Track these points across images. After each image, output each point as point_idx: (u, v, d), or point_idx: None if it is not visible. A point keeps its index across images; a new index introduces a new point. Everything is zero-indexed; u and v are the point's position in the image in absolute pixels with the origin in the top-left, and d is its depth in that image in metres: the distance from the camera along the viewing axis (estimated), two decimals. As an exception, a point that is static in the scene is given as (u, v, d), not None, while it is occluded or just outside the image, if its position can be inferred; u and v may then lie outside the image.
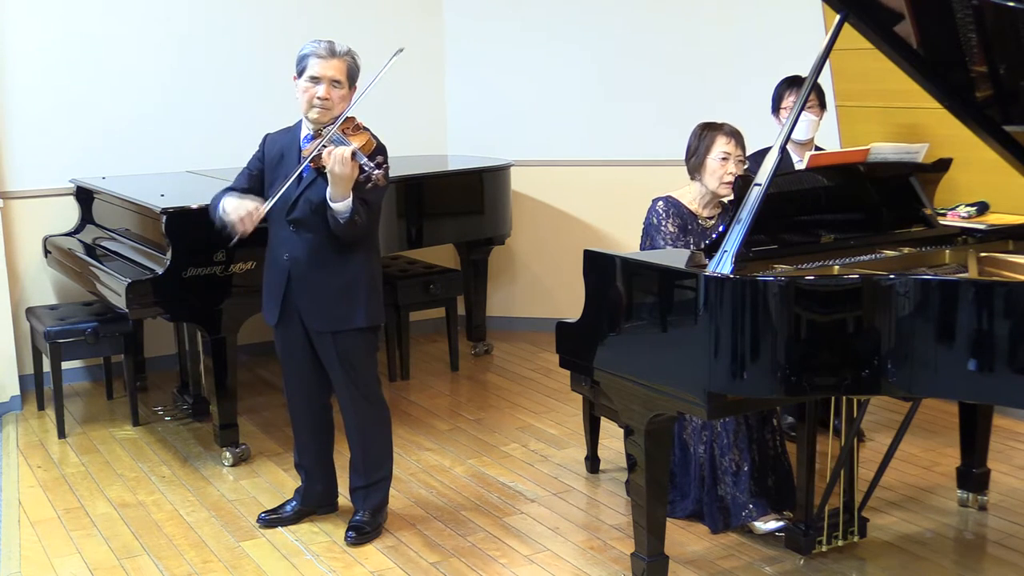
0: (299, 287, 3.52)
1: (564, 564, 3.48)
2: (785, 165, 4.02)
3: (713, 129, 3.68)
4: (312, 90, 3.41)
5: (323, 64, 3.40)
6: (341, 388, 3.61)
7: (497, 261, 6.16)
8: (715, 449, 3.62)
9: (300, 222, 3.48)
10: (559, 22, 6.04)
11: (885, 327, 2.70)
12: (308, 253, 3.49)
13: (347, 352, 3.55)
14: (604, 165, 6.05)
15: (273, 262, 3.59)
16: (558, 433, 4.68)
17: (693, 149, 3.71)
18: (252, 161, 3.64)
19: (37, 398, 5.08)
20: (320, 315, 3.52)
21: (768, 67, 5.42)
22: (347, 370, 3.57)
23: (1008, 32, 2.90)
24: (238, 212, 3.41)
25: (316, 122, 3.44)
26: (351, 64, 3.46)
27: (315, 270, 3.49)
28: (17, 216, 5.23)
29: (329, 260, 3.49)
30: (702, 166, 3.68)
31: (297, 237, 3.49)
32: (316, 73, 3.40)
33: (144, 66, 5.45)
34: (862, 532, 3.50)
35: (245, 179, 3.61)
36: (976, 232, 3.43)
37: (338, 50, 3.43)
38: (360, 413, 3.63)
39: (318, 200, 3.41)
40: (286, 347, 3.65)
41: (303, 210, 3.47)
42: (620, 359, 3.10)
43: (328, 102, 3.41)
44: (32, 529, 3.80)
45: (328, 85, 3.40)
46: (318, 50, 3.41)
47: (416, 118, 6.21)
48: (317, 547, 3.62)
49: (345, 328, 3.53)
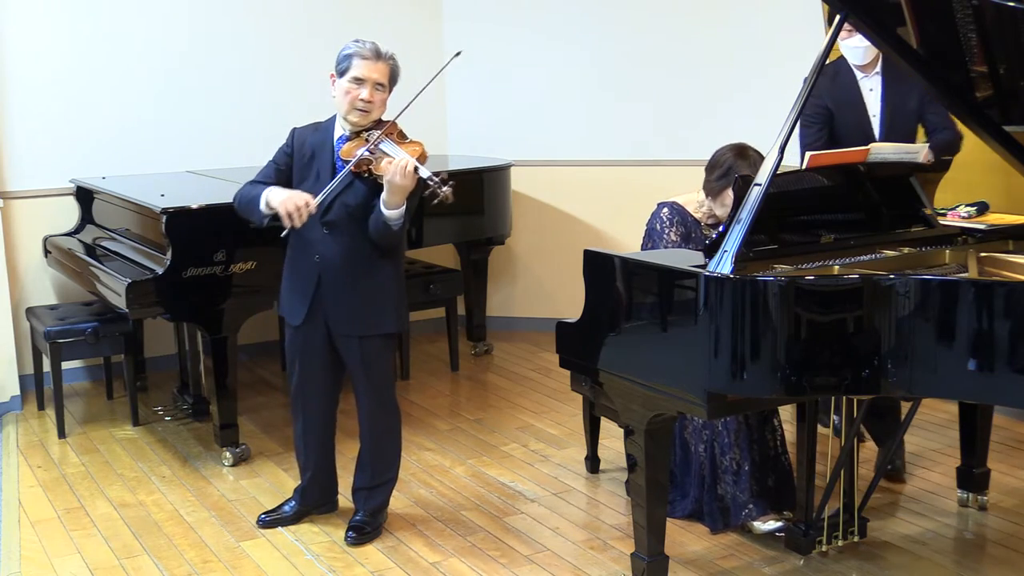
0: (328, 289, 3.49)
1: (564, 564, 3.48)
2: (852, 89, 4.07)
3: (743, 158, 3.50)
4: (355, 92, 3.37)
5: (368, 66, 3.36)
6: (361, 391, 3.60)
7: (497, 261, 6.16)
8: (715, 448, 3.62)
9: (334, 224, 3.44)
10: (559, 22, 6.04)
11: (885, 327, 2.70)
12: (341, 256, 3.46)
13: (371, 356, 3.54)
14: (604, 165, 6.05)
15: (302, 263, 3.53)
16: (558, 433, 4.68)
17: (720, 174, 3.54)
18: (279, 155, 3.56)
19: (37, 398, 5.08)
20: (348, 319, 3.50)
21: (768, 67, 5.44)
22: (369, 374, 3.55)
23: (1008, 32, 2.90)
24: (287, 205, 3.32)
25: (356, 124, 3.41)
26: (394, 67, 3.43)
27: (347, 273, 3.46)
28: (17, 216, 5.24)
29: (361, 264, 3.46)
30: (721, 194, 3.55)
31: (331, 239, 3.46)
32: (360, 75, 3.36)
33: (144, 66, 5.46)
34: (862, 532, 3.50)
35: (273, 173, 3.53)
36: (976, 232, 3.42)
37: (383, 52, 3.39)
38: (376, 416, 3.63)
39: (354, 203, 3.39)
40: (306, 348, 3.60)
41: (338, 213, 3.43)
42: (620, 359, 3.10)
43: (371, 104, 3.38)
44: (32, 529, 3.80)
45: (372, 88, 3.37)
46: (363, 51, 3.36)
47: (416, 118, 6.17)
48: (317, 547, 3.62)
49: (372, 333, 3.52)
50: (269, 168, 3.57)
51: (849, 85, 4.10)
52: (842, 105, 4.11)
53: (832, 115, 4.11)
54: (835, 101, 4.11)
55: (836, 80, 4.11)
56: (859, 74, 4.10)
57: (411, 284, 5.41)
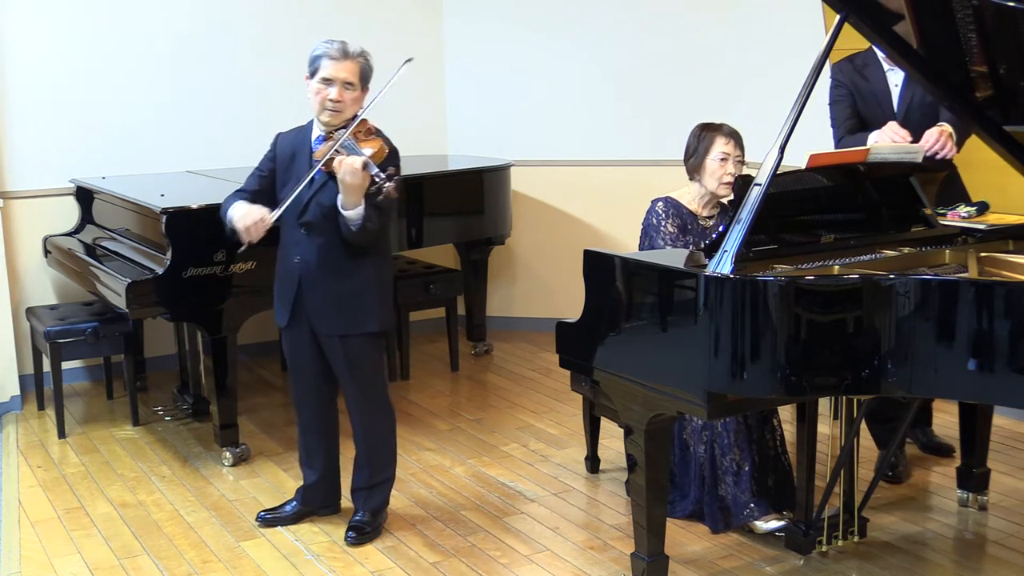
0: (309, 290, 3.50)
1: (564, 564, 3.48)
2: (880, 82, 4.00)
3: (712, 130, 3.69)
4: (324, 92, 3.39)
5: (336, 65, 3.37)
6: (349, 391, 3.60)
7: (497, 261, 6.16)
8: (715, 449, 3.62)
9: (311, 225, 3.46)
10: (559, 22, 6.04)
11: (885, 327, 2.70)
12: (319, 256, 3.47)
13: (355, 356, 3.54)
14: (604, 165, 6.05)
15: (284, 264, 3.58)
16: (558, 433, 4.68)
17: (692, 150, 3.72)
18: (263, 161, 3.61)
19: (37, 398, 5.08)
20: (330, 319, 3.51)
21: (768, 66, 5.44)
22: (355, 374, 3.56)
23: (1008, 32, 2.90)
24: (245, 221, 3.39)
25: (328, 124, 3.42)
26: (364, 65, 3.44)
27: (326, 274, 3.48)
28: (17, 216, 5.24)
29: (340, 264, 3.47)
30: (701, 167, 3.68)
31: (308, 240, 3.48)
32: (329, 75, 3.37)
33: (144, 66, 5.45)
34: (862, 532, 3.50)
35: (256, 180, 3.58)
36: (976, 232, 3.42)
37: (351, 51, 3.40)
38: (367, 416, 3.63)
39: (329, 204, 3.39)
40: (295, 349, 3.63)
41: (314, 213, 3.45)
42: (620, 359, 3.10)
43: (341, 104, 3.39)
44: (32, 529, 3.80)
45: (341, 87, 3.38)
46: (331, 51, 3.38)
47: (416, 118, 6.20)
48: (317, 547, 3.62)
49: (354, 332, 3.52)
50: (253, 176, 3.61)
51: (878, 79, 4.02)
52: (867, 96, 4.03)
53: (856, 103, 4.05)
54: (860, 93, 4.04)
55: (865, 72, 4.04)
56: (886, 66, 4.00)
57: (411, 284, 5.42)
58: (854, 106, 4.06)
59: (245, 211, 3.42)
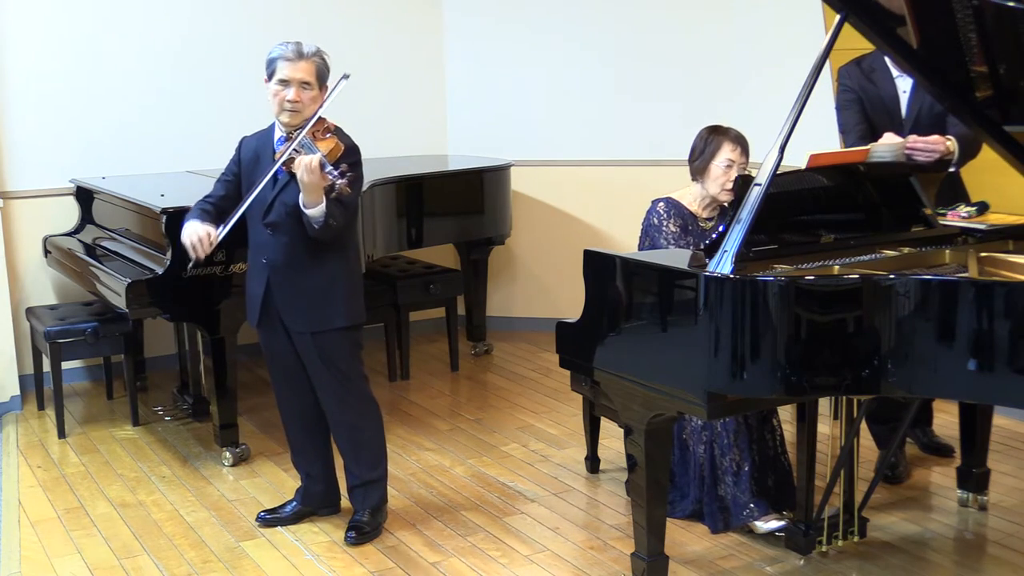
0: (278, 289, 3.53)
1: (564, 564, 3.48)
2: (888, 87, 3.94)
3: (720, 134, 3.68)
4: (282, 93, 3.42)
5: (291, 67, 3.40)
6: (325, 388, 3.61)
7: (497, 261, 6.16)
8: (715, 449, 3.62)
9: (276, 225, 3.49)
10: (559, 21, 6.04)
11: (885, 327, 2.70)
12: (285, 255, 3.49)
13: (329, 352, 3.55)
14: (604, 165, 6.05)
15: (253, 264, 3.61)
16: (558, 433, 4.68)
17: (698, 152, 3.71)
18: (228, 166, 3.65)
19: (37, 398, 5.08)
20: (299, 316, 3.53)
21: (768, 65, 5.44)
22: (331, 370, 3.57)
23: (1008, 32, 2.90)
24: (191, 238, 3.42)
25: (288, 125, 3.45)
26: (320, 64, 3.46)
27: (293, 272, 3.50)
28: (17, 216, 5.24)
29: (306, 261, 3.49)
30: (705, 170, 3.68)
31: (274, 240, 3.50)
32: (285, 76, 3.41)
33: (144, 66, 5.45)
34: (862, 532, 3.50)
35: (222, 186, 3.62)
36: (976, 232, 3.42)
37: (306, 51, 3.42)
38: (348, 412, 3.63)
39: (293, 203, 3.40)
40: (270, 348, 3.66)
41: (278, 213, 3.47)
42: (620, 359, 3.10)
43: (299, 104, 3.41)
44: (32, 529, 3.80)
45: (297, 88, 3.41)
46: (286, 53, 3.41)
47: (416, 118, 6.20)
48: (317, 547, 3.62)
49: (325, 328, 3.53)
50: (219, 182, 3.64)
51: (886, 84, 3.95)
52: (875, 102, 3.96)
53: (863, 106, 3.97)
54: (868, 98, 3.97)
55: (872, 77, 3.97)
56: (895, 72, 3.93)
57: (411, 284, 5.42)
58: (863, 111, 3.99)
59: (191, 228, 3.45)
